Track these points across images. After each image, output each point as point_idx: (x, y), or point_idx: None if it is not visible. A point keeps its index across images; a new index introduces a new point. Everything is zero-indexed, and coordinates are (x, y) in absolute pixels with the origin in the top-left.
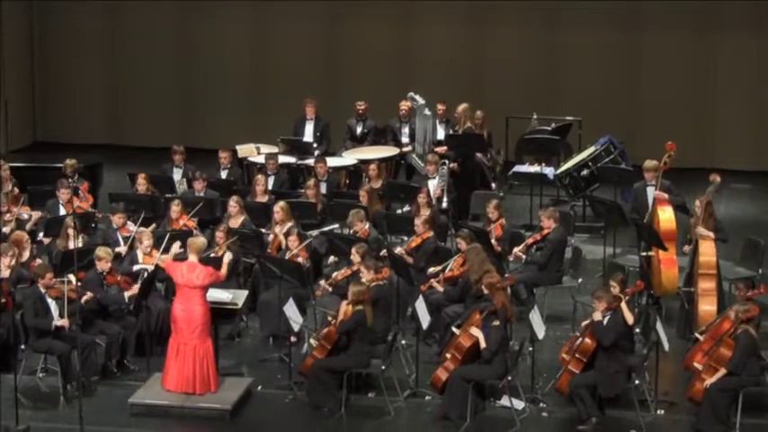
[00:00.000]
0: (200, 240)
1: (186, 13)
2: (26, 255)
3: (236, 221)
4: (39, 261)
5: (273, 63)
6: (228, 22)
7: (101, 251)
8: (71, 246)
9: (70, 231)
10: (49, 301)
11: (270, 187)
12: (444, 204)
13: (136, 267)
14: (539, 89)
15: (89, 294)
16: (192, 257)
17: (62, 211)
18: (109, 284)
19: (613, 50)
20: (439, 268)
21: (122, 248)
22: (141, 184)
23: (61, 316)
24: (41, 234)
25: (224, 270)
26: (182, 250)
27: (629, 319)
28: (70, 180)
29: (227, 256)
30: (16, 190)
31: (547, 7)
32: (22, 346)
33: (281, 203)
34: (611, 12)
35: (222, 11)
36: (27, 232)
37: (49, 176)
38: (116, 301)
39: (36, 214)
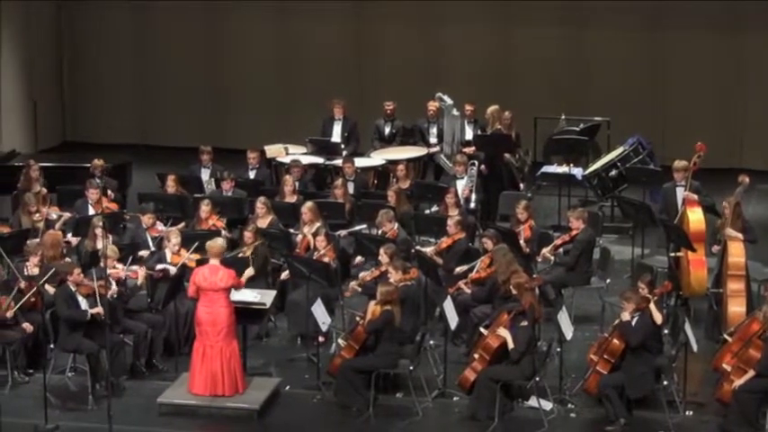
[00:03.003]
0: (218, 243)
1: (215, 12)
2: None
3: (264, 221)
4: (67, 260)
5: (302, 63)
6: (257, 22)
7: (108, 250)
8: (99, 246)
9: (98, 231)
10: (80, 298)
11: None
12: (472, 205)
13: (159, 266)
14: (567, 90)
15: (115, 288)
16: (214, 260)
17: (91, 211)
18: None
19: (642, 50)
20: (466, 268)
21: (147, 252)
22: (171, 186)
23: (92, 316)
24: (70, 234)
25: (243, 279)
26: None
27: (658, 318)
28: (98, 180)
29: (249, 272)
30: (44, 190)
31: (576, 7)
32: (51, 346)
33: (309, 204)
34: (638, 12)
35: (250, 10)
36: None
37: (78, 176)
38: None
39: (65, 214)
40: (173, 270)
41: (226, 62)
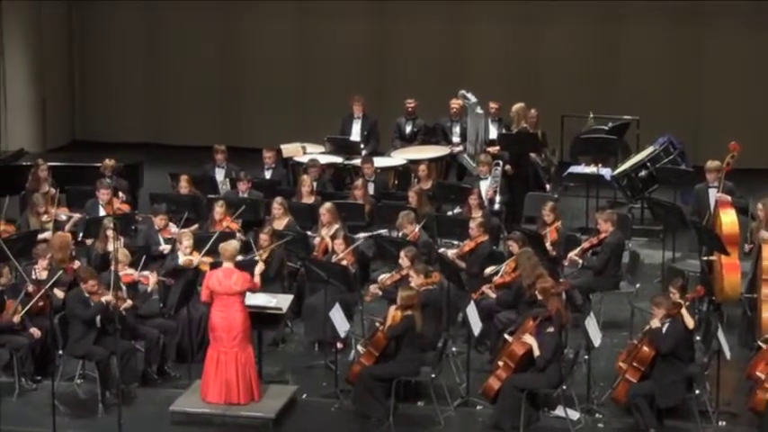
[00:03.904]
0: (231, 245)
1: (230, 8)
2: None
3: (280, 223)
4: (77, 263)
5: (320, 60)
6: (274, 18)
7: (120, 254)
8: (110, 248)
9: (109, 233)
10: (93, 304)
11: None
12: (497, 206)
13: (180, 260)
14: (595, 87)
15: (129, 302)
16: (228, 263)
17: (102, 212)
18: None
19: (673, 47)
20: (495, 268)
21: (166, 247)
22: (184, 187)
23: (103, 325)
24: (80, 235)
25: (257, 279)
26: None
27: (690, 323)
28: (109, 180)
29: (259, 267)
30: (53, 190)
31: (604, 3)
32: (60, 352)
33: (328, 205)
34: (669, 8)
35: (267, 6)
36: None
37: (88, 176)
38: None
39: (75, 216)
40: (195, 261)
41: (241, 59)
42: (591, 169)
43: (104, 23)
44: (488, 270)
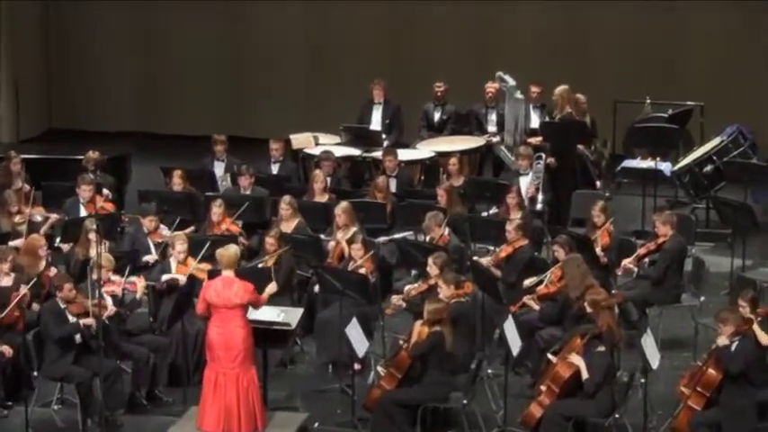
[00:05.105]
0: (231, 251)
1: None
2: (42, 264)
3: (289, 225)
4: (54, 270)
5: (334, 38)
6: None
7: (103, 259)
8: (92, 254)
9: (91, 236)
10: (71, 318)
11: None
12: (539, 206)
13: (165, 277)
14: (653, 68)
15: (112, 308)
16: (228, 272)
17: (83, 212)
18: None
19: (741, 24)
20: (536, 279)
21: (154, 257)
22: (177, 183)
23: (84, 339)
24: (58, 239)
25: (265, 296)
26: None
27: (764, 340)
28: (91, 175)
29: (271, 287)
30: (27, 187)
31: None
32: (35, 373)
33: (344, 204)
34: None
35: None
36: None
37: (68, 171)
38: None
39: (52, 216)
40: (182, 280)
41: (244, 35)
42: (648, 163)
43: None
44: (527, 282)
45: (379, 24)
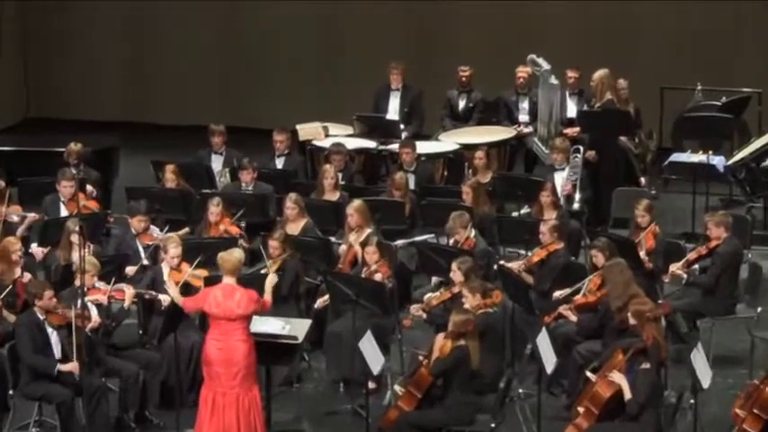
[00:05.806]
0: (234, 256)
1: None
2: (17, 271)
3: (295, 226)
4: (28, 276)
5: (346, 18)
6: None
7: (87, 264)
8: (74, 258)
9: (73, 238)
10: (50, 331)
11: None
12: (576, 205)
13: (153, 293)
14: (705, 51)
15: (96, 319)
16: (229, 279)
17: (64, 212)
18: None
19: None
20: (569, 291)
21: (143, 262)
22: (170, 179)
23: (65, 355)
24: (34, 244)
25: (268, 296)
26: None
27: None
28: (74, 170)
29: (271, 279)
30: (2, 183)
31: None
32: (11, 392)
33: (357, 203)
34: None
35: None
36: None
37: (48, 165)
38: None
39: (29, 215)
40: (165, 300)
41: (245, 16)
42: (699, 157)
43: None
44: (558, 293)
45: (398, 5)
